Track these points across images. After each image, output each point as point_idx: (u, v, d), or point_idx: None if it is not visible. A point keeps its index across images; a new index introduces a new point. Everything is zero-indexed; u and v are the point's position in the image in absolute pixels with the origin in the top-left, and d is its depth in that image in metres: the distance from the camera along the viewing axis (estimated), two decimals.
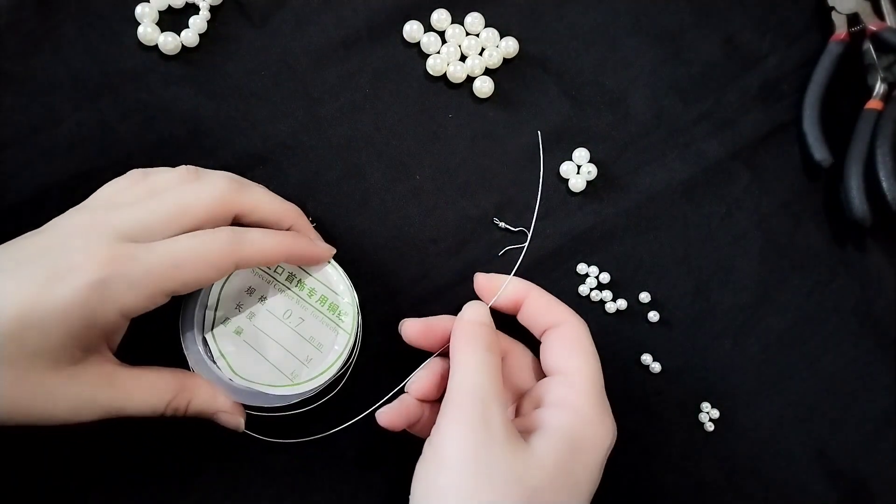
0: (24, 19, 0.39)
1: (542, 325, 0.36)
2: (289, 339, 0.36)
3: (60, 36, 0.40)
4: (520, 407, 0.35)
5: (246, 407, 0.35)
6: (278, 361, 0.35)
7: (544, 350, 0.35)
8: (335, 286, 0.37)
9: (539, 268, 0.39)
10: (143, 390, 0.32)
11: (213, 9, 0.41)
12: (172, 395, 0.32)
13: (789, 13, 0.43)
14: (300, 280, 0.36)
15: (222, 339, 0.35)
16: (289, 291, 0.36)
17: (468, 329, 0.35)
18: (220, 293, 0.36)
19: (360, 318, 0.36)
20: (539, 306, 0.36)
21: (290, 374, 0.35)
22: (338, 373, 0.36)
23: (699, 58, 0.42)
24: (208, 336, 0.35)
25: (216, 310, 0.35)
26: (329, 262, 0.37)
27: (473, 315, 0.35)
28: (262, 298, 0.36)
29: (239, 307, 0.36)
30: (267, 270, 0.36)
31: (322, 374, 0.35)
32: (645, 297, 0.40)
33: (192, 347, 0.35)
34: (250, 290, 0.36)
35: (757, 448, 0.39)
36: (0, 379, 0.28)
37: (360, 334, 0.37)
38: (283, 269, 0.36)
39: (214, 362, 0.35)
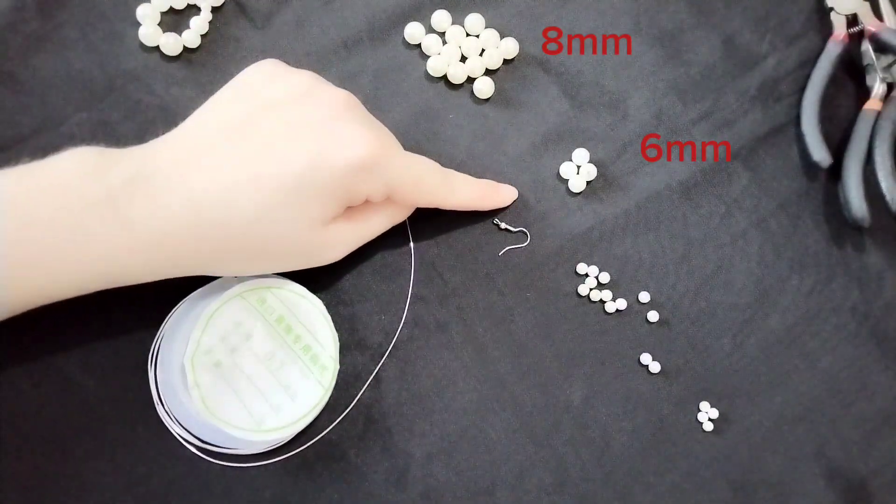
0: (25, 20, 0.40)
1: None
2: (265, 381, 0.35)
3: (62, 36, 0.40)
4: None
5: (205, 442, 0.35)
6: (249, 403, 0.34)
7: None
8: (321, 338, 0.36)
9: (539, 268, 0.40)
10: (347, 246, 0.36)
11: (214, 10, 0.41)
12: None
13: (788, 14, 0.44)
14: (289, 324, 0.36)
15: (200, 370, 0.34)
16: (275, 333, 0.36)
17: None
18: (207, 322, 0.35)
19: (336, 377, 0.36)
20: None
21: (258, 419, 0.34)
22: (302, 428, 0.35)
23: (698, 58, 0.43)
24: (186, 363, 0.34)
25: (200, 339, 0.35)
26: (321, 312, 0.36)
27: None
28: (248, 336, 0.35)
29: (223, 340, 0.35)
30: (258, 307, 0.36)
31: (288, 426, 0.35)
32: (645, 296, 0.40)
33: (166, 371, 0.35)
34: (237, 325, 0.35)
35: (756, 448, 0.39)
36: (292, 223, 0.32)
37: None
38: (275, 310, 0.36)
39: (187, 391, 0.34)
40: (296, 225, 0.32)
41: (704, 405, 0.39)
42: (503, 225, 0.40)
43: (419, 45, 0.42)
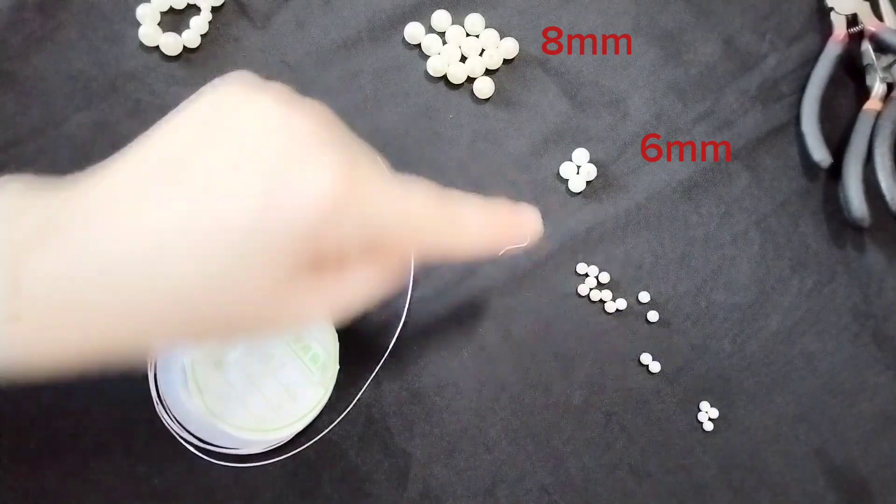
0: (25, 20, 0.40)
1: None
2: (265, 381, 0.35)
3: (62, 36, 0.40)
4: None
5: (205, 442, 0.35)
6: (249, 403, 0.35)
7: None
8: (321, 338, 0.36)
9: (539, 268, 0.40)
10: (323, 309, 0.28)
11: (214, 9, 0.41)
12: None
13: (788, 14, 0.44)
14: None
15: (200, 369, 0.34)
16: None
17: None
18: None
19: (336, 377, 0.36)
20: None
21: (258, 419, 0.34)
22: (303, 428, 0.35)
23: (698, 58, 0.43)
24: (186, 363, 0.34)
25: None
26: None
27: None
28: None
29: None
30: None
31: (288, 426, 0.35)
32: (645, 296, 0.40)
33: (166, 371, 0.35)
34: None
35: (756, 447, 0.39)
36: (237, 286, 0.24)
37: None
38: None
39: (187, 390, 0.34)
40: (243, 288, 0.24)
41: (704, 405, 0.39)
42: None
43: (419, 45, 0.42)
